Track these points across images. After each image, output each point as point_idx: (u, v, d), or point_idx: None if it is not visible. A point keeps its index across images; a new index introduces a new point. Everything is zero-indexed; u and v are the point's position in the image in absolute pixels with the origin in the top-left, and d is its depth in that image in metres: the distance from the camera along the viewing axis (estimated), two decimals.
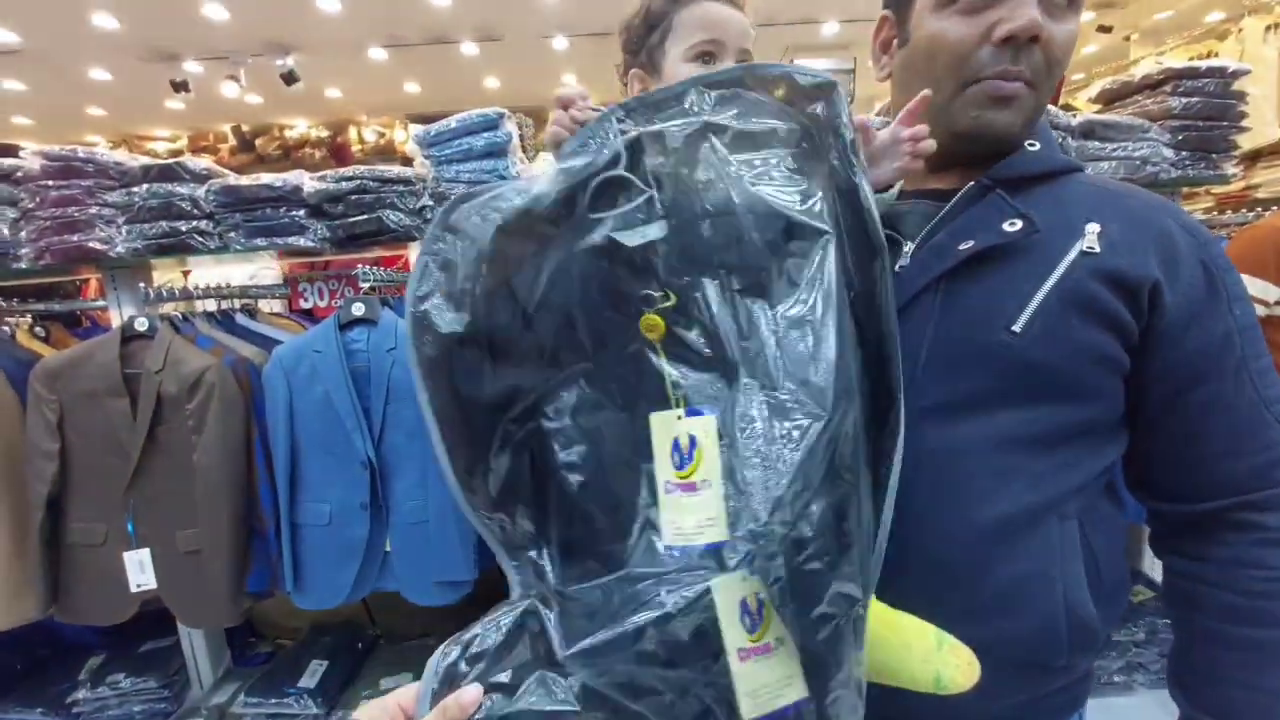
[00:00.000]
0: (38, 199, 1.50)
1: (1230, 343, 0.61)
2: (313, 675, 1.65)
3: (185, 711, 1.69)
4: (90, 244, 1.48)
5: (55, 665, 1.81)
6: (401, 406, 1.36)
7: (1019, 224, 0.61)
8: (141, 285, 1.53)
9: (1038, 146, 0.68)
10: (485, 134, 1.46)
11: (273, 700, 1.60)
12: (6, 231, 1.54)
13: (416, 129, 1.52)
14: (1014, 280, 0.61)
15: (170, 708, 1.70)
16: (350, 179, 1.46)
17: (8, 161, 1.54)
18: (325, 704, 1.61)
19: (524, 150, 1.68)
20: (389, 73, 6.06)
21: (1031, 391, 0.61)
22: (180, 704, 1.72)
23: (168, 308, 1.61)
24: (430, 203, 1.50)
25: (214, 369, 1.35)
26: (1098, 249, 0.60)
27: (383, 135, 7.35)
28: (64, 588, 1.43)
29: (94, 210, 1.49)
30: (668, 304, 0.50)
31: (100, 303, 1.77)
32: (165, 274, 2.18)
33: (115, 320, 1.63)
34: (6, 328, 1.71)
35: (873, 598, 0.55)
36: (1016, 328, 0.59)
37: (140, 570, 1.37)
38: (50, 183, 1.49)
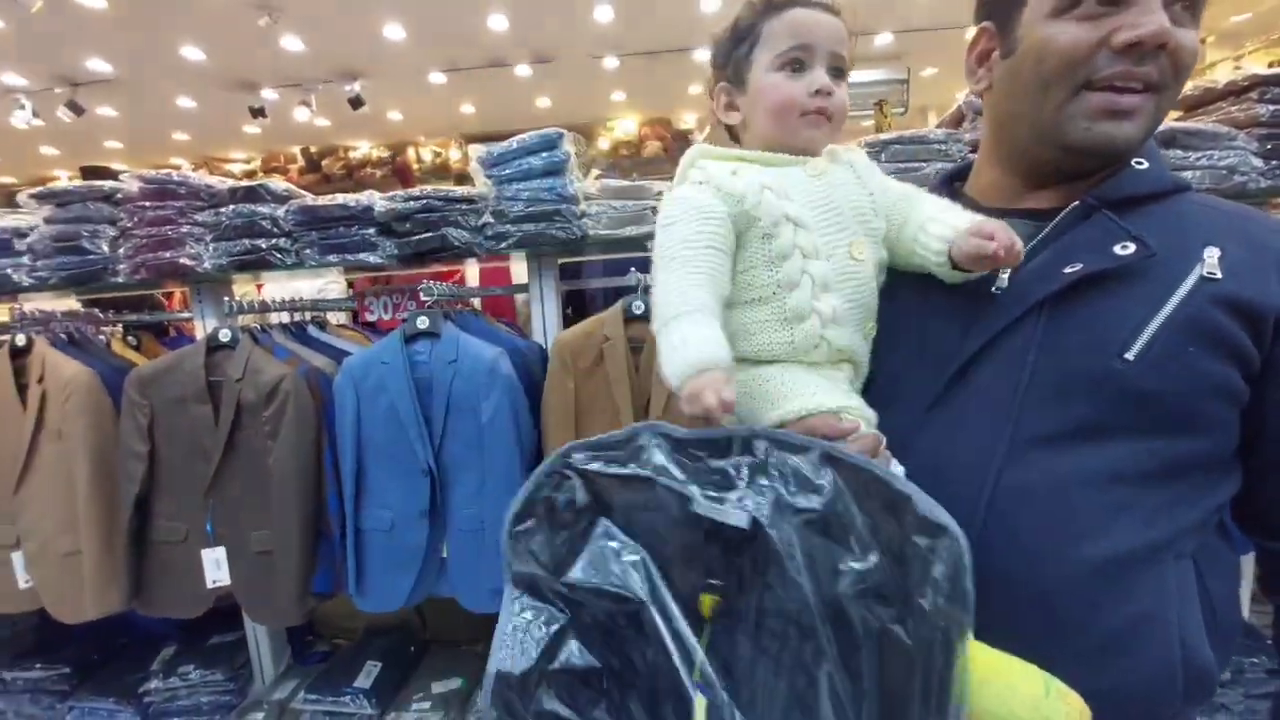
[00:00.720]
0: (135, 219, 1.62)
1: None
2: (368, 676, 1.70)
3: (248, 705, 1.76)
4: (181, 260, 1.59)
5: (130, 655, 1.92)
6: (460, 417, 1.40)
7: (1132, 247, 0.59)
8: (226, 299, 1.64)
9: (1146, 165, 0.65)
10: (544, 153, 1.50)
11: (330, 699, 1.66)
12: (106, 248, 1.67)
13: (478, 150, 1.58)
14: (1126, 306, 0.59)
15: (234, 700, 1.78)
16: (417, 198, 1.53)
17: (109, 184, 1.68)
18: (379, 705, 1.65)
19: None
20: (446, 95, 6.31)
21: (1144, 423, 0.58)
22: (243, 697, 1.80)
23: (246, 319, 1.71)
24: (491, 220, 1.54)
25: (289, 378, 1.42)
26: (1219, 274, 0.57)
27: (439, 155, 7.65)
28: (146, 582, 1.52)
29: (185, 229, 1.61)
30: (716, 595, 0.57)
31: (185, 314, 1.90)
32: (240, 287, 2.32)
33: (200, 331, 1.74)
34: (103, 337, 1.85)
35: (972, 638, 0.53)
36: (1130, 355, 0.57)
37: (216, 567, 1.45)
38: (147, 204, 1.61)
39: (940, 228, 0.66)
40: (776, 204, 0.65)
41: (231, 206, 1.58)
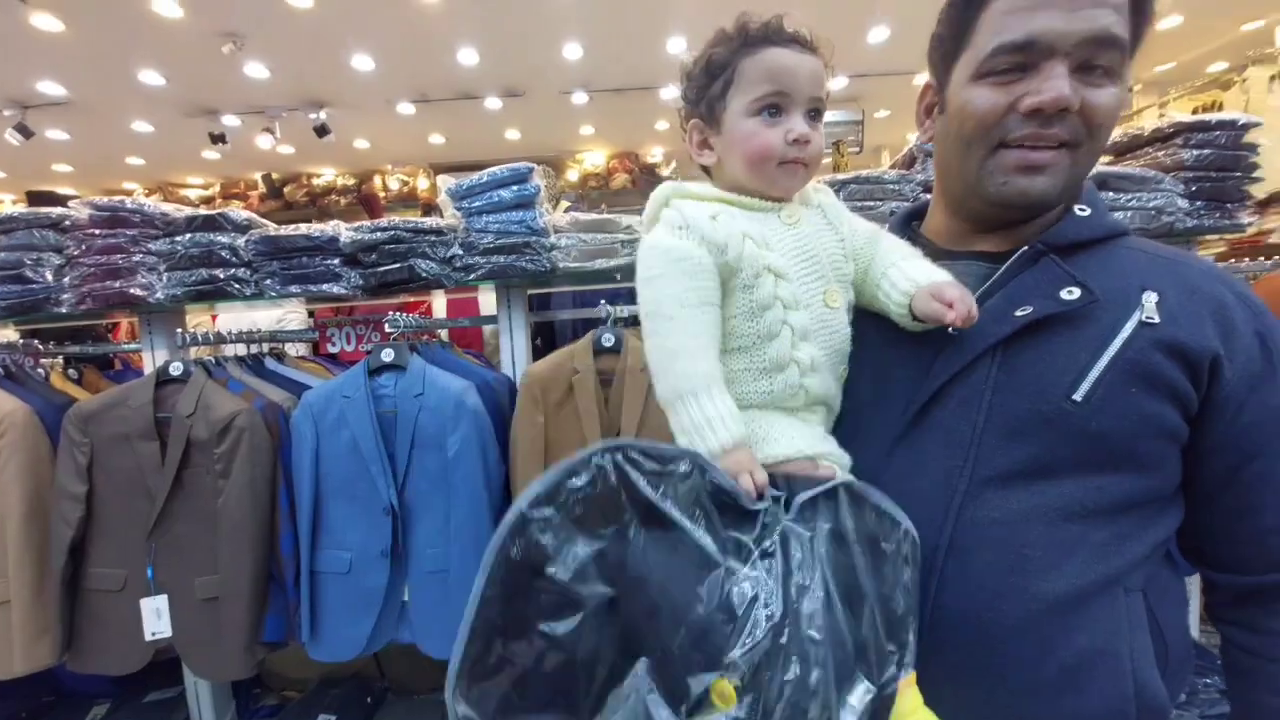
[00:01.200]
0: (84, 247, 1.56)
1: None
2: None
3: None
4: (131, 290, 1.52)
5: (59, 713, 1.77)
6: (426, 453, 1.36)
7: (1077, 292, 0.62)
8: (179, 331, 1.57)
9: (1088, 212, 0.68)
10: (514, 186, 1.51)
11: None
12: (50, 277, 1.59)
13: (448, 182, 1.58)
14: (1073, 348, 0.61)
15: None
16: (385, 229, 1.51)
17: (57, 211, 1.61)
18: None
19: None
20: (415, 125, 6.32)
21: (1092, 461, 0.60)
22: None
23: (199, 351, 1.64)
24: (460, 251, 1.54)
25: (244, 414, 1.36)
26: (1157, 319, 0.60)
27: (406, 183, 7.61)
28: (78, 634, 1.41)
29: (137, 258, 1.54)
30: (737, 683, 0.50)
31: (134, 345, 1.82)
32: (194, 317, 2.24)
33: (149, 363, 1.67)
34: (41, 370, 1.75)
35: (920, 701, 0.53)
36: (1077, 396, 0.60)
37: (156, 618, 1.36)
38: (97, 231, 1.55)
39: (903, 280, 0.68)
40: (758, 254, 0.65)
41: (188, 235, 1.54)
